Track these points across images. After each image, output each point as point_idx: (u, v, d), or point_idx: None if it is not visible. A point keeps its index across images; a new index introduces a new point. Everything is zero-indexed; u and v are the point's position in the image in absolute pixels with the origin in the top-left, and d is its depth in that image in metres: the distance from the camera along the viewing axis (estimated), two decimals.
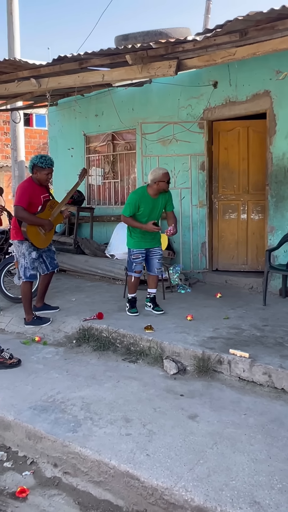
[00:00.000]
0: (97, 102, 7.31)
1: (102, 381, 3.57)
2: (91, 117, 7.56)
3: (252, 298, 5.39)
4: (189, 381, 3.52)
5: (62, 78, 4.47)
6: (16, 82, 4.75)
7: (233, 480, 2.32)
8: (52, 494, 2.55)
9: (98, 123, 7.48)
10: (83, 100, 7.33)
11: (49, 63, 4.31)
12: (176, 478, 2.35)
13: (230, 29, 3.31)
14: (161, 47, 3.72)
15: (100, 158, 7.72)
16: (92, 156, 7.84)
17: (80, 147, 7.87)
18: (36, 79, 4.52)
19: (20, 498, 2.51)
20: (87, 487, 2.57)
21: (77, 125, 7.80)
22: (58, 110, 7.96)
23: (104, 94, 6.88)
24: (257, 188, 6.05)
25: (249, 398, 3.22)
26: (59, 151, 8.22)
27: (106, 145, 7.54)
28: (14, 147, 8.48)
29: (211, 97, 6.02)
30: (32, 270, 4.67)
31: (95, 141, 7.72)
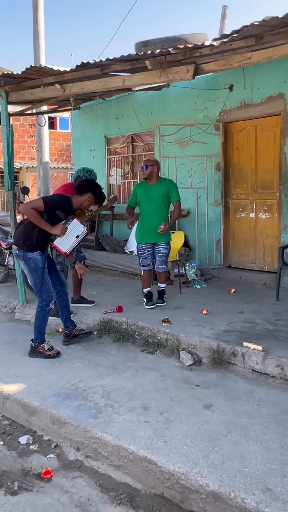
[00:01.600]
0: (118, 105, 7.32)
1: (122, 371, 3.59)
2: (112, 120, 7.57)
3: (265, 294, 5.34)
4: (204, 372, 3.51)
5: (84, 83, 4.47)
6: (42, 87, 4.78)
7: (246, 467, 2.31)
8: (74, 476, 2.59)
9: (119, 126, 7.49)
10: (104, 104, 7.34)
11: (72, 69, 4.32)
12: (192, 464, 2.35)
13: (246, 34, 3.26)
14: (179, 53, 3.69)
15: (120, 159, 7.73)
16: (112, 157, 7.85)
17: (101, 148, 7.89)
18: (60, 85, 4.53)
19: (45, 479, 2.55)
20: (107, 470, 2.59)
21: (99, 128, 7.82)
22: (81, 114, 7.98)
23: (124, 98, 6.88)
24: (264, 187, 5.92)
25: (262, 389, 3.19)
26: (81, 153, 8.27)
27: (126, 146, 7.54)
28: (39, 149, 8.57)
29: (226, 100, 5.96)
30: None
31: (116, 143, 7.73)
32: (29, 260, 3.79)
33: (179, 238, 5.91)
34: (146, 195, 4.75)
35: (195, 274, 5.98)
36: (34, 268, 3.80)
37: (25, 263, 3.82)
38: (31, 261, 3.79)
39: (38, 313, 3.91)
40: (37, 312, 3.92)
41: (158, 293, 4.93)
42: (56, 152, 17.78)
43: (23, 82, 4.83)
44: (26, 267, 3.83)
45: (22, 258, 3.82)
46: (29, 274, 3.85)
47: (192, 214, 6.52)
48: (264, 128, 5.80)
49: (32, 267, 3.80)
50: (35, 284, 3.84)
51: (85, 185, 4.01)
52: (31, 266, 3.80)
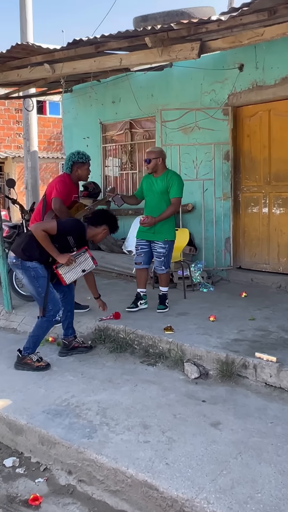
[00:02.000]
0: (114, 88, 7.32)
1: (119, 385, 3.59)
2: (108, 104, 7.58)
3: (280, 298, 5.34)
4: (212, 386, 3.51)
5: (77, 63, 4.47)
6: (29, 67, 4.78)
7: (258, 493, 2.31)
8: (66, 502, 2.59)
9: (115, 111, 7.49)
10: (99, 86, 7.35)
11: (63, 47, 4.32)
12: (198, 489, 2.35)
13: (258, 7, 3.26)
14: (183, 28, 3.69)
15: (117, 148, 7.74)
16: (108, 145, 7.86)
17: (96, 136, 7.90)
18: (50, 65, 4.53)
19: (33, 506, 2.55)
20: (103, 496, 2.59)
21: (93, 113, 7.83)
22: (73, 97, 8.00)
23: (121, 79, 6.89)
24: (279, 179, 5.90)
25: (277, 405, 3.19)
26: (74, 141, 8.27)
27: (123, 133, 7.55)
28: (27, 137, 8.59)
29: (236, 81, 5.97)
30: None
31: (112, 130, 7.74)
32: (28, 269, 3.83)
33: (183, 236, 5.91)
34: (149, 188, 4.88)
35: (201, 277, 5.98)
36: (34, 277, 3.83)
37: (23, 272, 3.85)
38: (30, 270, 3.82)
39: (41, 322, 3.92)
40: (41, 321, 3.92)
41: (159, 298, 4.95)
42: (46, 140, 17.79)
43: (8, 61, 4.83)
44: (26, 277, 3.86)
45: (20, 267, 3.85)
46: (30, 283, 3.87)
47: (198, 209, 6.52)
48: (279, 113, 5.81)
49: (33, 276, 3.83)
50: (38, 294, 3.86)
51: (100, 216, 4.15)
52: (31, 275, 3.83)
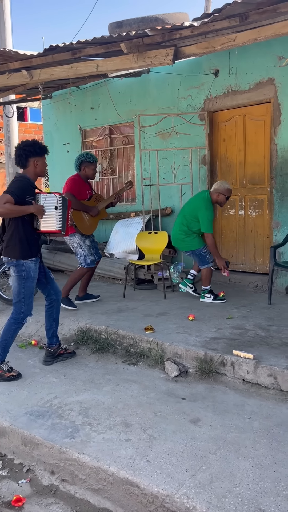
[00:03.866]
0: (93, 94, 7.30)
1: (101, 385, 3.57)
2: (87, 110, 7.55)
3: (257, 297, 5.38)
4: (191, 384, 3.51)
5: (54, 69, 4.46)
6: (7, 74, 4.75)
7: (237, 487, 2.31)
8: (49, 502, 2.55)
9: (95, 116, 7.47)
10: (78, 92, 7.32)
11: (40, 54, 4.30)
12: (178, 485, 2.35)
13: (230, 13, 3.29)
14: (157, 34, 3.70)
15: (97, 153, 7.71)
16: (89, 151, 7.81)
17: (76, 141, 7.86)
18: (27, 71, 4.51)
19: (16, 507, 2.52)
20: (85, 495, 2.57)
21: (73, 119, 7.79)
22: (53, 103, 7.95)
23: (100, 85, 6.87)
24: (254, 182, 5.96)
25: (254, 401, 3.21)
26: (54, 146, 8.21)
27: (103, 139, 7.53)
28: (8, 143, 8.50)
29: (212, 87, 6.00)
30: (91, 256, 5.11)
31: (92, 135, 7.71)
32: (21, 267, 3.75)
33: (162, 239, 5.92)
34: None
35: (180, 278, 5.99)
36: (24, 277, 3.75)
37: (16, 270, 3.76)
38: (23, 269, 3.75)
39: (9, 325, 3.79)
40: (8, 324, 3.80)
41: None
42: None
43: None
44: (16, 274, 3.76)
45: (14, 264, 3.76)
46: (16, 281, 3.78)
47: (176, 212, 6.52)
48: (253, 117, 5.85)
49: (23, 275, 3.75)
50: (18, 293, 3.77)
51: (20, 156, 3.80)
52: (22, 275, 3.75)
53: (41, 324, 4.78)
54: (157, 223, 6.42)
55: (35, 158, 3.78)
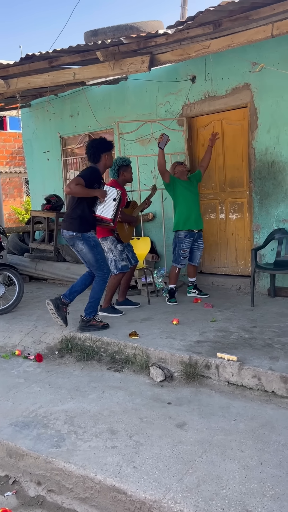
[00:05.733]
0: (72, 101, 7.31)
1: (86, 393, 3.55)
2: (66, 117, 7.55)
3: (240, 299, 5.42)
4: (177, 388, 3.52)
5: (31, 78, 4.46)
6: None
7: (223, 489, 2.32)
8: None
9: (74, 124, 7.48)
10: (57, 100, 7.32)
11: (17, 63, 4.30)
12: (165, 490, 2.34)
13: (203, 21, 3.33)
14: (133, 42, 3.73)
15: (77, 161, 7.71)
16: (69, 158, 7.82)
17: (56, 149, 7.85)
18: (4, 80, 4.50)
19: None
20: (72, 505, 2.55)
21: (52, 127, 7.78)
22: (31, 112, 7.93)
23: (78, 93, 6.89)
24: (233, 185, 6.02)
25: (239, 403, 3.22)
26: (34, 155, 8.20)
27: (83, 146, 7.51)
28: None
29: (189, 93, 6.06)
30: (122, 261, 5.09)
31: (72, 143, 7.71)
32: (88, 239, 4.39)
33: (145, 244, 5.94)
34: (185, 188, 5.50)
35: (163, 282, 6.01)
36: (94, 246, 4.40)
37: (84, 243, 4.38)
38: (90, 240, 4.39)
39: (99, 286, 4.47)
40: (99, 285, 4.47)
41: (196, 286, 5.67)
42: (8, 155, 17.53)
43: None
44: (86, 247, 4.38)
45: (80, 239, 4.37)
46: (90, 252, 4.40)
47: (158, 217, 6.56)
48: (231, 122, 5.93)
49: (93, 245, 4.40)
50: (96, 261, 4.42)
51: (94, 152, 4.44)
52: (91, 244, 4.39)
53: (25, 334, 4.76)
54: (140, 229, 6.43)
55: (106, 153, 4.44)
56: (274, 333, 4.10)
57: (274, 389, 3.25)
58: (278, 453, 2.59)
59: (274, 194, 5.47)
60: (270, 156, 5.45)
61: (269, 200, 5.51)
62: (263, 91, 5.43)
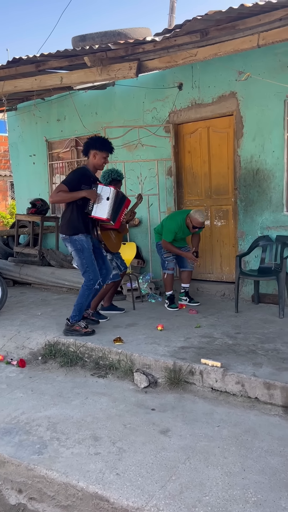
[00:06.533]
0: (59, 106, 7.30)
1: (70, 399, 3.52)
2: (53, 122, 7.54)
3: (224, 305, 5.45)
4: (161, 394, 3.51)
5: (18, 81, 4.44)
6: None
7: (206, 496, 2.32)
8: None
9: (61, 128, 7.46)
10: (43, 104, 7.31)
11: (3, 66, 4.28)
12: (148, 497, 2.33)
13: (190, 29, 3.36)
14: (121, 48, 3.74)
15: (63, 165, 7.69)
16: (55, 162, 7.80)
17: (42, 153, 7.82)
18: None
19: None
20: None
21: (38, 131, 7.75)
22: (18, 115, 7.89)
23: (65, 97, 6.88)
24: (219, 192, 6.06)
25: (223, 409, 3.23)
26: (20, 158, 8.16)
27: (69, 151, 7.52)
28: None
29: (176, 100, 6.10)
30: (113, 270, 5.05)
31: (58, 147, 7.69)
32: (75, 242, 4.35)
33: (131, 250, 5.93)
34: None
35: (149, 288, 6.01)
36: (80, 249, 4.35)
37: (71, 245, 4.38)
38: (77, 243, 4.35)
39: (83, 291, 4.43)
40: (83, 290, 4.43)
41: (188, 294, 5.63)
42: None
43: None
44: (73, 249, 4.38)
45: (68, 241, 4.39)
46: (76, 255, 4.40)
47: (144, 223, 6.57)
48: (217, 130, 5.97)
49: (79, 248, 4.35)
50: (82, 265, 4.39)
51: (84, 146, 4.37)
52: (78, 248, 4.36)
53: (7, 339, 4.70)
54: (126, 234, 6.42)
55: (94, 151, 4.31)
56: (257, 340, 4.12)
57: (257, 395, 3.27)
58: (260, 460, 2.60)
59: (258, 202, 5.52)
60: (255, 164, 5.51)
61: (254, 208, 5.56)
62: (249, 100, 5.49)
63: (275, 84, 5.02)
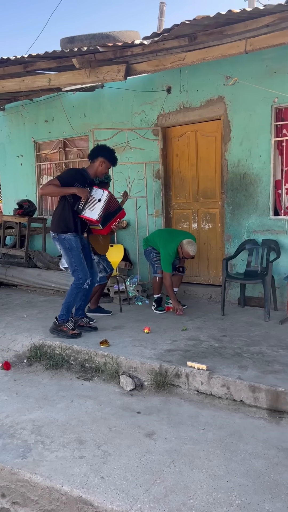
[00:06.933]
0: (47, 107, 7.27)
1: (55, 402, 3.50)
2: (41, 123, 7.50)
3: (210, 308, 5.47)
4: (146, 397, 3.51)
5: (6, 81, 4.41)
6: None
7: (190, 499, 2.32)
8: None
9: (49, 129, 7.43)
10: (31, 104, 7.27)
11: None
12: (132, 501, 2.32)
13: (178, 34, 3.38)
14: (109, 51, 3.75)
15: (51, 166, 7.66)
16: (43, 164, 7.76)
17: (30, 154, 7.78)
18: None
19: None
20: None
21: (26, 131, 7.71)
22: (5, 115, 7.84)
23: (54, 98, 6.86)
24: (206, 196, 6.09)
25: (208, 412, 3.24)
26: (7, 159, 8.10)
27: (57, 152, 7.49)
28: None
29: (165, 103, 6.12)
30: (99, 273, 5.06)
31: (46, 148, 7.66)
32: (63, 241, 4.34)
33: (118, 252, 5.93)
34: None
35: (136, 290, 6.00)
36: (69, 248, 4.34)
37: (60, 244, 4.37)
38: (65, 242, 4.34)
39: (71, 290, 4.42)
40: (71, 289, 4.42)
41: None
42: None
43: None
44: (62, 248, 4.37)
45: (57, 239, 4.37)
46: (65, 254, 4.39)
47: (132, 225, 6.57)
48: (205, 133, 6.00)
49: (67, 247, 4.34)
50: (70, 264, 4.39)
51: (95, 150, 4.41)
52: (66, 246, 4.34)
53: None
54: (113, 236, 6.42)
55: (104, 159, 4.35)
56: (243, 342, 4.14)
57: (243, 398, 3.28)
58: (245, 462, 2.61)
59: (245, 206, 5.56)
60: (242, 168, 5.55)
61: (241, 211, 5.60)
62: (236, 104, 5.53)
63: (262, 89, 5.07)
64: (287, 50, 5.04)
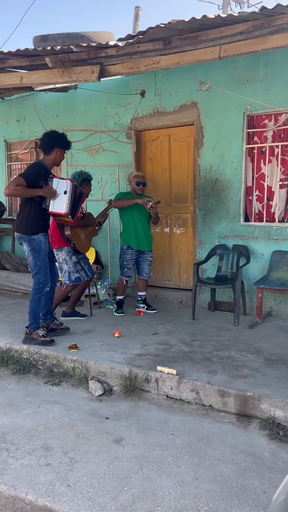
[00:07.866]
0: (19, 106, 7.16)
1: (21, 407, 3.41)
2: (12, 122, 7.38)
3: (181, 313, 5.47)
4: (115, 402, 3.46)
5: None
6: None
7: (158, 506, 2.29)
8: None
9: (20, 129, 7.31)
10: (3, 103, 7.15)
11: None
12: (99, 509, 2.27)
13: (153, 37, 3.38)
14: (83, 51, 3.71)
15: (22, 167, 7.53)
16: (14, 164, 7.63)
17: (0, 154, 7.63)
18: None
19: None
20: None
21: None
22: None
23: (26, 98, 6.75)
24: (178, 201, 6.11)
25: (177, 417, 3.22)
26: None
27: (29, 152, 7.37)
28: None
29: (138, 106, 6.11)
30: (76, 273, 4.97)
31: (17, 148, 7.53)
32: (33, 241, 4.21)
33: (90, 255, 5.86)
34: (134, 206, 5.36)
35: (107, 294, 5.95)
36: (37, 250, 4.22)
37: (28, 244, 4.22)
38: (34, 243, 4.22)
39: (33, 296, 4.29)
40: (32, 295, 4.29)
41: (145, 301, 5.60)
42: None
43: None
44: (29, 248, 4.22)
45: (26, 240, 4.22)
46: (31, 255, 4.25)
47: (104, 228, 6.51)
48: (178, 138, 6.02)
49: (36, 249, 4.22)
50: (34, 266, 4.26)
51: (48, 142, 4.27)
52: (35, 248, 4.22)
53: None
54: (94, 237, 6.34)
55: (60, 149, 4.26)
56: (213, 347, 4.15)
57: (212, 403, 3.28)
58: (213, 468, 2.60)
59: (216, 211, 5.60)
60: (214, 174, 5.59)
61: (212, 217, 5.63)
62: (209, 110, 5.57)
63: (235, 96, 5.12)
64: (259, 59, 5.12)
